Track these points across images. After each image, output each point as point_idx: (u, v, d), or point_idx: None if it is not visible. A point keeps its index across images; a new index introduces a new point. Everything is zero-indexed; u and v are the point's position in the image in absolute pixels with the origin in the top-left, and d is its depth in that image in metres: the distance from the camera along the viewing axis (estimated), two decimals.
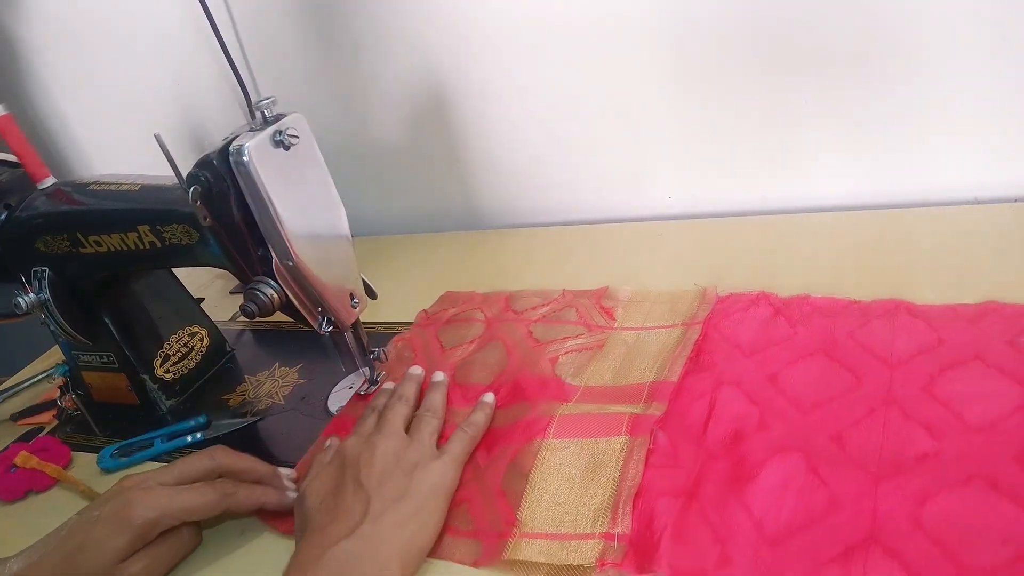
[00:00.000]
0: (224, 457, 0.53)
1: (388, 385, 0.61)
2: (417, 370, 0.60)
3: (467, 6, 0.77)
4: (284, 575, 0.43)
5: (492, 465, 0.51)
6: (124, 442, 0.65)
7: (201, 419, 0.65)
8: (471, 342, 0.65)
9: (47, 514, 0.60)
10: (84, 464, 0.65)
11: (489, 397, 0.56)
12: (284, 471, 0.55)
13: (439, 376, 0.59)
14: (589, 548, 0.43)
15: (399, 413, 0.54)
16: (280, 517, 0.52)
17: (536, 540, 0.44)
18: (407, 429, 0.53)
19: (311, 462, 0.54)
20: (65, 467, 0.65)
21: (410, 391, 0.58)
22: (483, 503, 0.48)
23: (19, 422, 0.75)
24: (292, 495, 0.52)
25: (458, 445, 0.51)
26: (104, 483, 0.62)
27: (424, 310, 0.73)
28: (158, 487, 0.49)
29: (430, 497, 0.47)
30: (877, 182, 0.71)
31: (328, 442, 0.56)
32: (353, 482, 0.47)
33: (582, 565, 0.42)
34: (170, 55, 0.95)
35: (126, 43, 0.97)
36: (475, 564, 0.45)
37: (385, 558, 0.43)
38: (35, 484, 0.63)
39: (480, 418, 0.54)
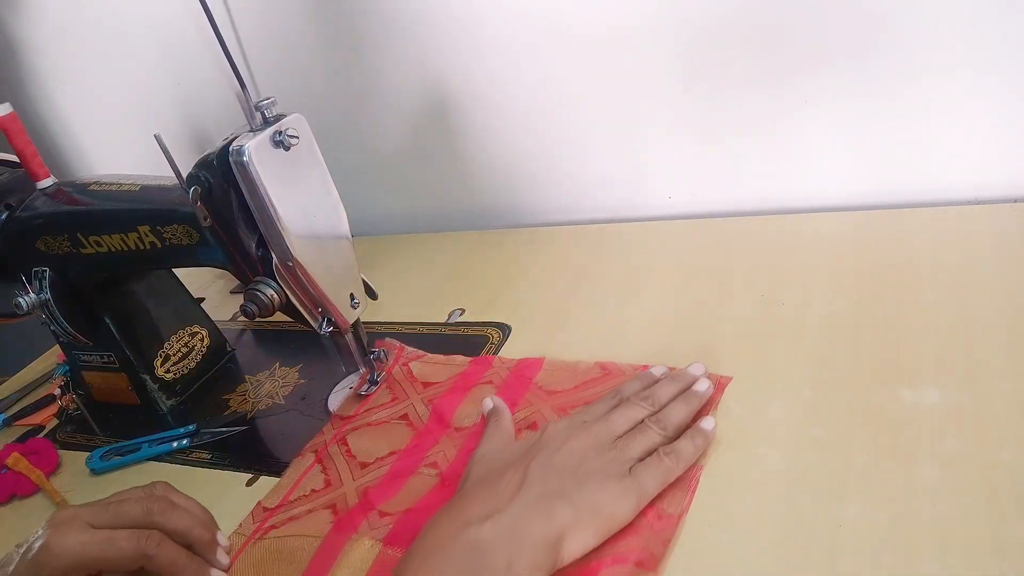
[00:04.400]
0: (161, 515, 0.47)
1: (658, 369, 0.53)
2: (699, 368, 0.51)
3: (467, 6, 0.77)
4: (413, 546, 0.41)
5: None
6: (113, 445, 0.66)
7: (191, 428, 0.65)
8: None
9: (27, 520, 0.61)
10: (79, 464, 0.65)
11: (709, 424, 0.47)
12: (221, 540, 0.50)
13: (703, 385, 0.50)
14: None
15: (629, 417, 0.47)
16: None
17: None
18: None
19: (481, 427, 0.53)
20: (51, 473, 0.65)
21: (664, 396, 0.49)
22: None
23: (16, 423, 0.75)
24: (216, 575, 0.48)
25: (651, 479, 0.44)
26: (91, 484, 0.63)
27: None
28: (80, 528, 0.45)
29: (589, 513, 0.42)
30: (877, 182, 0.71)
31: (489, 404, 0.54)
32: (522, 462, 0.44)
33: None
34: (170, 55, 0.95)
35: (126, 43, 0.97)
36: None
37: (516, 552, 0.39)
38: (19, 489, 0.63)
39: (688, 449, 0.45)
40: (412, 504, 0.50)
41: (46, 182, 0.65)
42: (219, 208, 0.53)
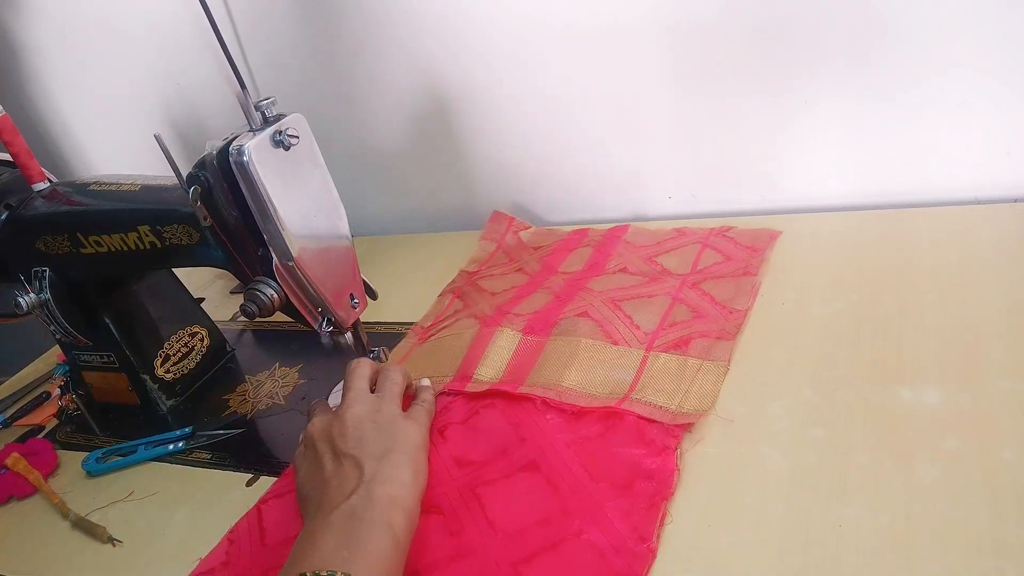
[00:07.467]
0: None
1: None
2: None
3: (467, 8, 0.77)
4: (295, 546, 0.44)
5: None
6: (107, 448, 0.66)
7: (187, 430, 0.65)
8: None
9: (24, 522, 0.61)
10: (78, 465, 0.65)
11: (426, 381, 0.59)
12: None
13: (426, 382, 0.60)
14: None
15: (362, 375, 0.55)
16: None
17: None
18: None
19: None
20: (50, 474, 0.65)
21: (369, 363, 0.58)
22: None
23: (15, 423, 0.75)
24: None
25: (422, 414, 0.54)
26: (87, 486, 0.63)
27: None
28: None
29: (415, 449, 0.49)
30: (877, 182, 0.71)
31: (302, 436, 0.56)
32: (332, 454, 0.48)
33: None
34: (170, 55, 0.95)
35: (126, 43, 0.97)
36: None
37: (388, 506, 0.44)
38: (17, 490, 0.63)
39: (430, 396, 0.57)
40: (538, 308, 0.65)
41: (41, 184, 0.65)
42: (219, 208, 0.53)
